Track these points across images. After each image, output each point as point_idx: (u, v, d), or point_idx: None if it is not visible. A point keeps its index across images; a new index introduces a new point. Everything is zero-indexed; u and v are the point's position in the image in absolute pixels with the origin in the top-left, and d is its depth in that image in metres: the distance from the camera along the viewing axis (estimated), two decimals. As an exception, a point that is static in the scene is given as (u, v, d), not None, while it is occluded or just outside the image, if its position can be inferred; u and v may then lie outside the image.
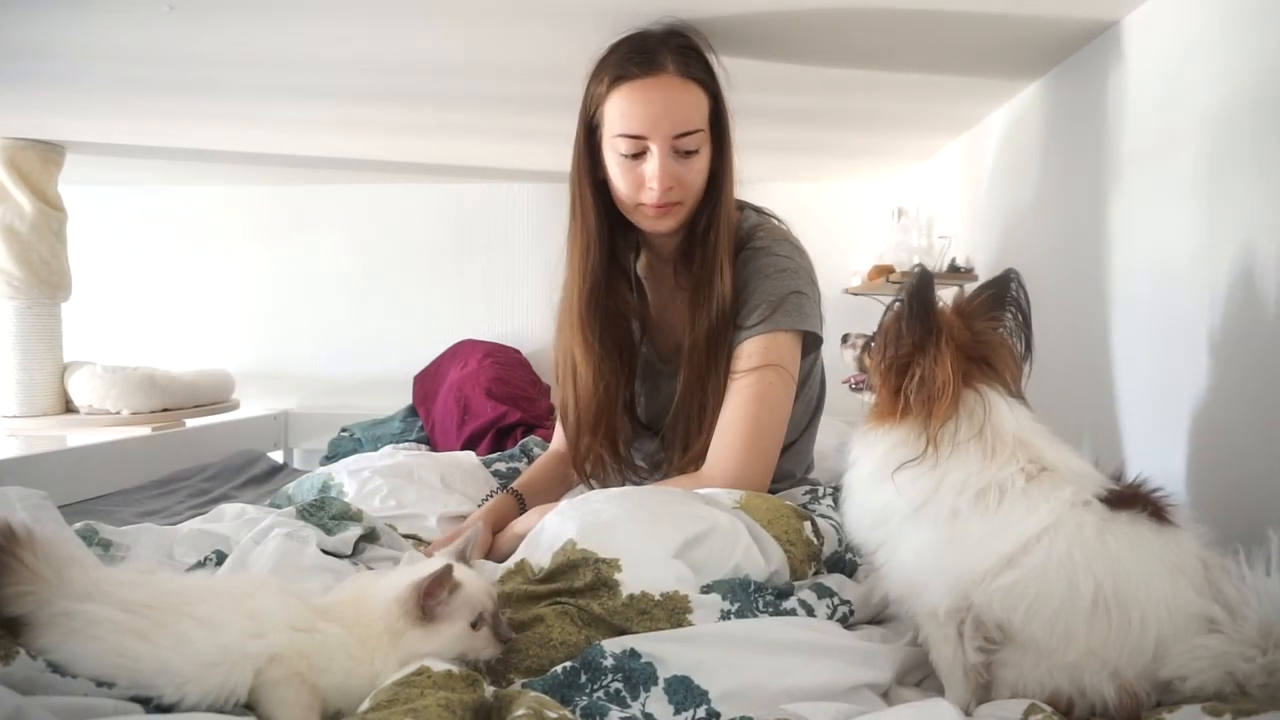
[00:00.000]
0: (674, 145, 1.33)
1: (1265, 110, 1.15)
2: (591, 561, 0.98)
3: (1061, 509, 0.85)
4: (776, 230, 1.47)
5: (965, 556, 0.86)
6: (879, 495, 0.92)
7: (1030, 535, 0.84)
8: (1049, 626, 0.83)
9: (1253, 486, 1.16)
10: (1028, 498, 0.86)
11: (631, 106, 1.32)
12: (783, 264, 1.39)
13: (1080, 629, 0.82)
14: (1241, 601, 0.81)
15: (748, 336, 1.36)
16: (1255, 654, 0.79)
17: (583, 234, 1.42)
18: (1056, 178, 1.78)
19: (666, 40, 1.34)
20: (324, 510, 1.47)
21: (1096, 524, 0.85)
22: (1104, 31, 1.53)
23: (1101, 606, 0.82)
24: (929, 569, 0.88)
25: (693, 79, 1.33)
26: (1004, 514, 0.86)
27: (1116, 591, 0.82)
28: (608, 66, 1.35)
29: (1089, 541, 0.84)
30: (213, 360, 3.02)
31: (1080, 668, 0.83)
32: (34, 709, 0.68)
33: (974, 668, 0.88)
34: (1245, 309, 1.18)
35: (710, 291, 1.37)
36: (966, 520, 0.87)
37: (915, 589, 0.89)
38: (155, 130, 2.34)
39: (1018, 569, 0.84)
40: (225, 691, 0.75)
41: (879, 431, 0.92)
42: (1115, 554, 0.83)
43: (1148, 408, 1.43)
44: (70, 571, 0.79)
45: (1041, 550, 0.84)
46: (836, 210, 3.01)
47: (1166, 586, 0.82)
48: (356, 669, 0.80)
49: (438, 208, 3.13)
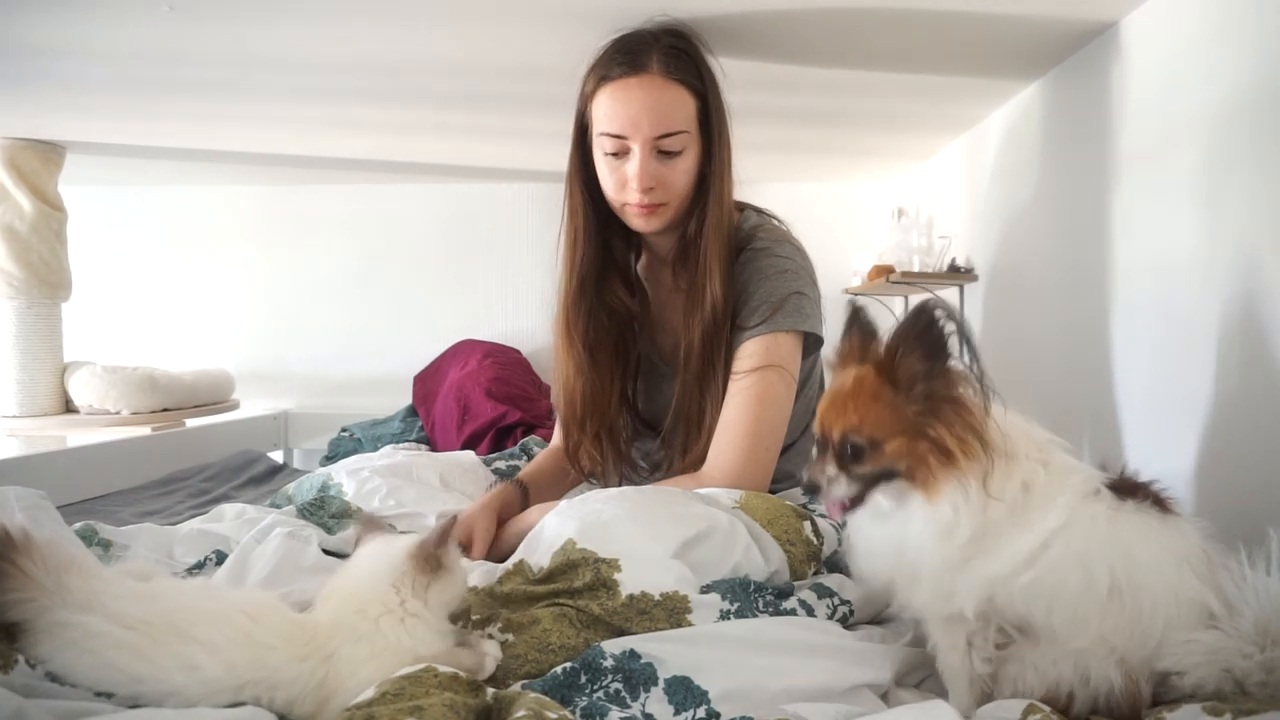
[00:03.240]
0: (655, 145, 1.33)
1: (1264, 110, 1.15)
2: (591, 561, 0.98)
3: (1075, 501, 0.86)
4: (777, 231, 1.47)
5: (991, 558, 0.85)
6: (951, 543, 0.85)
7: (1049, 531, 0.84)
8: (1067, 617, 0.84)
9: (1253, 484, 1.16)
10: (1045, 494, 0.86)
11: (614, 105, 1.33)
12: (783, 265, 1.39)
13: (1095, 616, 0.83)
14: (1240, 599, 0.82)
15: (749, 337, 1.36)
16: (1253, 651, 0.79)
17: (570, 231, 1.44)
18: (1056, 177, 1.78)
19: (657, 40, 1.34)
20: (324, 509, 1.47)
21: (1108, 514, 0.86)
22: (1103, 32, 1.53)
23: (1116, 594, 0.83)
24: (955, 577, 0.86)
25: (677, 80, 1.33)
26: (1026, 517, 0.86)
27: (1130, 579, 0.83)
28: (596, 65, 1.36)
29: (1102, 531, 0.85)
30: (213, 360, 3.02)
31: (1088, 654, 0.83)
32: (35, 710, 0.68)
33: (979, 677, 0.88)
34: (1245, 308, 1.18)
35: (703, 295, 1.37)
36: (998, 527, 0.86)
37: (942, 595, 0.87)
38: (155, 130, 2.34)
39: (1037, 565, 0.84)
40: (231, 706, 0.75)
41: (947, 487, 0.85)
42: (1127, 542, 0.84)
43: (1147, 407, 1.43)
44: (69, 578, 0.78)
45: (1059, 545, 0.84)
46: (836, 210, 3.01)
47: (1173, 573, 0.83)
48: (373, 662, 0.80)
49: (438, 208, 3.13)
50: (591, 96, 1.36)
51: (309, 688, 0.78)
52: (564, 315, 1.45)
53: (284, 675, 0.78)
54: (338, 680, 0.78)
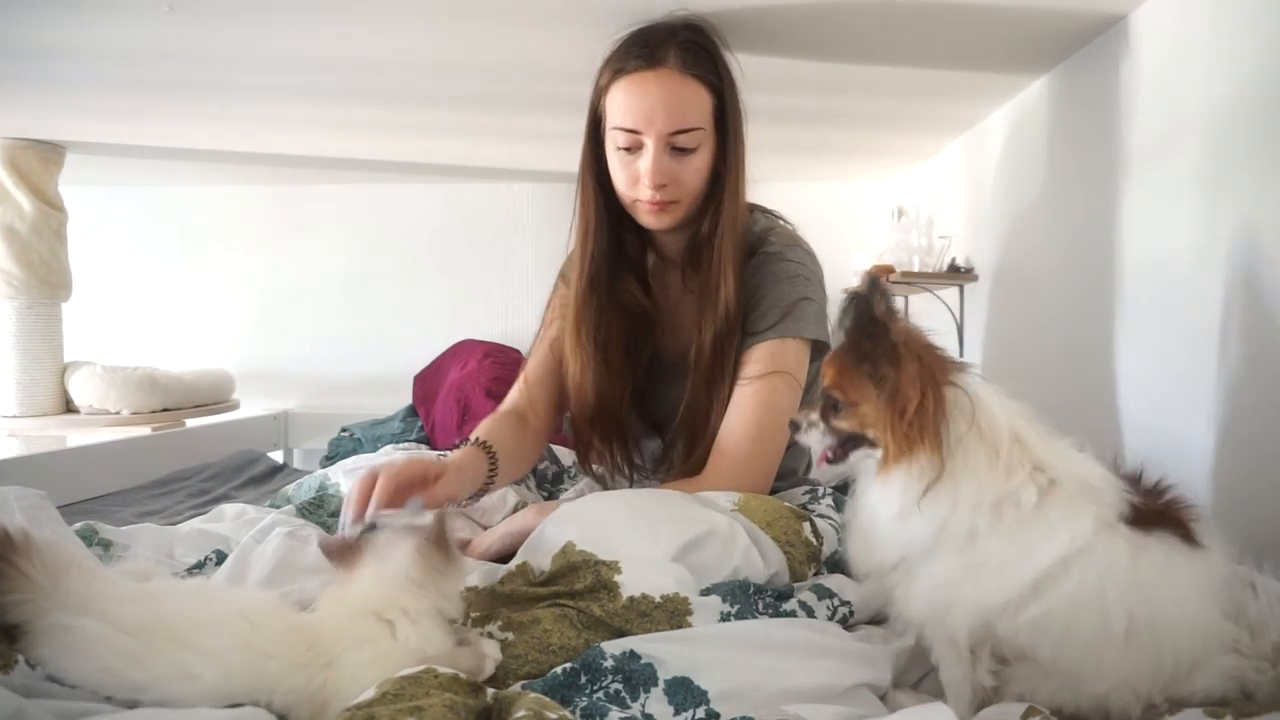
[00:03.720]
0: (669, 141, 1.31)
1: (1272, 105, 1.15)
2: (591, 564, 0.98)
3: (1086, 534, 0.81)
4: (789, 235, 1.45)
5: (986, 582, 0.82)
6: (903, 532, 0.87)
7: (1055, 561, 0.80)
8: (1079, 658, 0.81)
9: (1259, 483, 1.16)
10: (1046, 519, 0.82)
11: (629, 99, 1.31)
12: (794, 270, 1.38)
13: (1112, 662, 0.79)
14: (1260, 621, 0.80)
15: (757, 341, 1.35)
16: (1267, 667, 0.78)
17: (582, 225, 1.42)
18: (1059, 176, 1.78)
19: (674, 34, 1.33)
20: (323, 509, 1.47)
21: (1128, 551, 0.81)
22: (1111, 26, 1.52)
23: (1134, 639, 0.79)
24: (952, 598, 0.84)
25: (694, 75, 1.31)
26: (1024, 537, 0.82)
27: (1150, 622, 0.79)
28: (612, 58, 1.34)
29: (1122, 572, 0.80)
30: (212, 360, 3.02)
31: (1109, 697, 0.80)
32: (35, 710, 0.68)
33: (983, 689, 0.86)
34: (1251, 305, 1.18)
35: (716, 297, 1.36)
36: (986, 540, 0.83)
37: (936, 615, 0.86)
38: (155, 130, 2.34)
39: (1045, 599, 0.80)
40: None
41: (897, 469, 0.87)
42: (1149, 584, 0.79)
43: (1150, 406, 1.43)
44: (68, 579, 0.78)
45: (1071, 581, 0.80)
46: (836, 210, 3.01)
47: (1199, 615, 0.80)
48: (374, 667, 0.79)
49: (438, 208, 3.13)
50: (606, 89, 1.34)
51: (307, 695, 0.78)
52: (574, 311, 1.42)
53: (283, 684, 0.77)
54: (338, 686, 0.78)
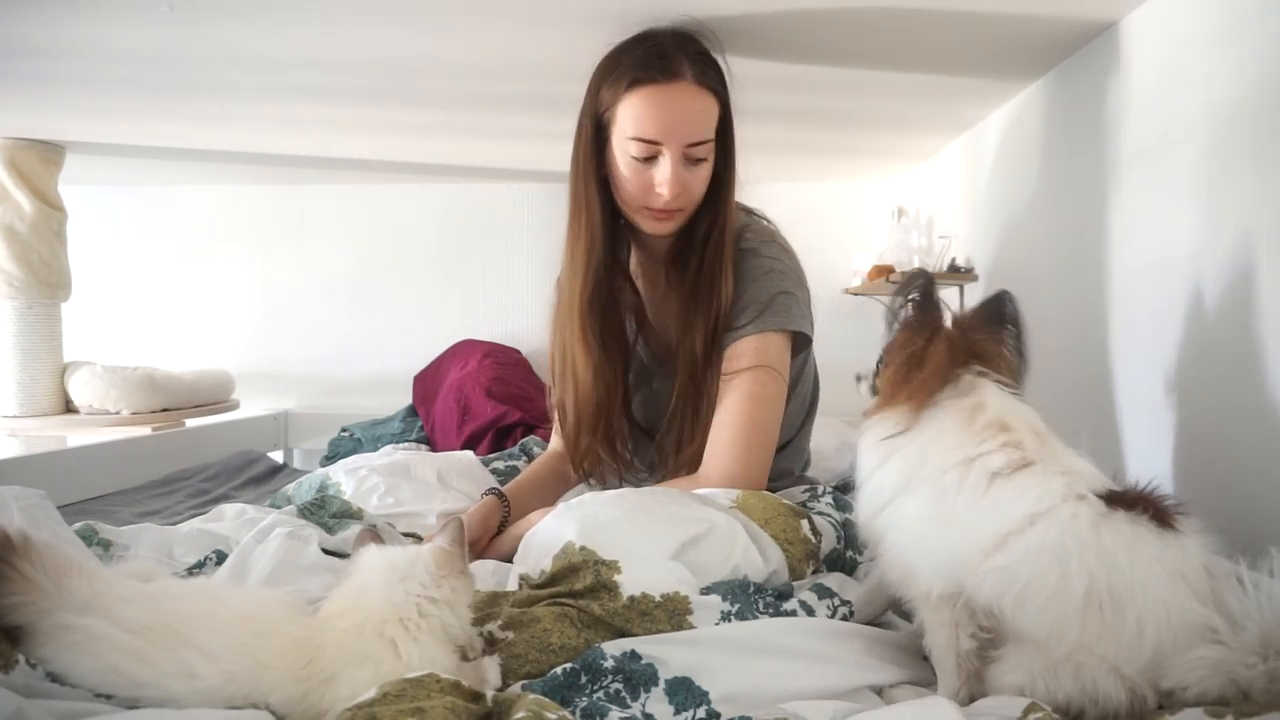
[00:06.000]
0: (685, 153, 1.32)
1: (1264, 110, 1.15)
2: (592, 564, 0.98)
3: (1053, 497, 0.85)
4: (764, 231, 1.46)
5: (955, 538, 0.87)
6: (876, 478, 0.95)
7: (1020, 518, 0.84)
8: (1039, 616, 0.83)
9: (1252, 485, 1.16)
10: (1016, 484, 0.86)
11: (649, 110, 1.31)
12: (770, 265, 1.39)
13: (1072, 622, 0.81)
14: (1244, 613, 0.80)
15: (738, 337, 1.36)
16: (1255, 660, 0.78)
17: (586, 232, 1.40)
18: (1056, 178, 1.78)
19: (683, 45, 1.34)
20: (324, 509, 1.47)
21: (1091, 517, 0.84)
22: (1103, 32, 1.53)
23: (1094, 602, 0.81)
24: (921, 551, 0.89)
25: (708, 88, 1.33)
26: (994, 497, 0.86)
27: (1111, 588, 0.81)
28: (625, 66, 1.33)
29: (1082, 532, 0.83)
30: (212, 360, 3.02)
31: (1079, 664, 0.82)
32: (35, 710, 0.68)
33: (966, 655, 0.88)
34: (1244, 308, 1.18)
35: (710, 296, 1.37)
36: (954, 496, 0.88)
37: (910, 572, 0.91)
38: (155, 130, 2.34)
39: (1008, 552, 0.84)
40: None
41: (874, 418, 0.96)
42: (1110, 550, 0.82)
43: (1146, 407, 1.43)
44: (69, 580, 0.79)
45: (1034, 535, 0.83)
46: (836, 210, 3.01)
47: (1165, 590, 0.81)
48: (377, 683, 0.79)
49: (438, 208, 3.13)
50: (619, 98, 1.33)
51: (304, 707, 0.78)
52: (579, 318, 1.41)
53: (279, 695, 0.78)
54: (335, 702, 0.77)
